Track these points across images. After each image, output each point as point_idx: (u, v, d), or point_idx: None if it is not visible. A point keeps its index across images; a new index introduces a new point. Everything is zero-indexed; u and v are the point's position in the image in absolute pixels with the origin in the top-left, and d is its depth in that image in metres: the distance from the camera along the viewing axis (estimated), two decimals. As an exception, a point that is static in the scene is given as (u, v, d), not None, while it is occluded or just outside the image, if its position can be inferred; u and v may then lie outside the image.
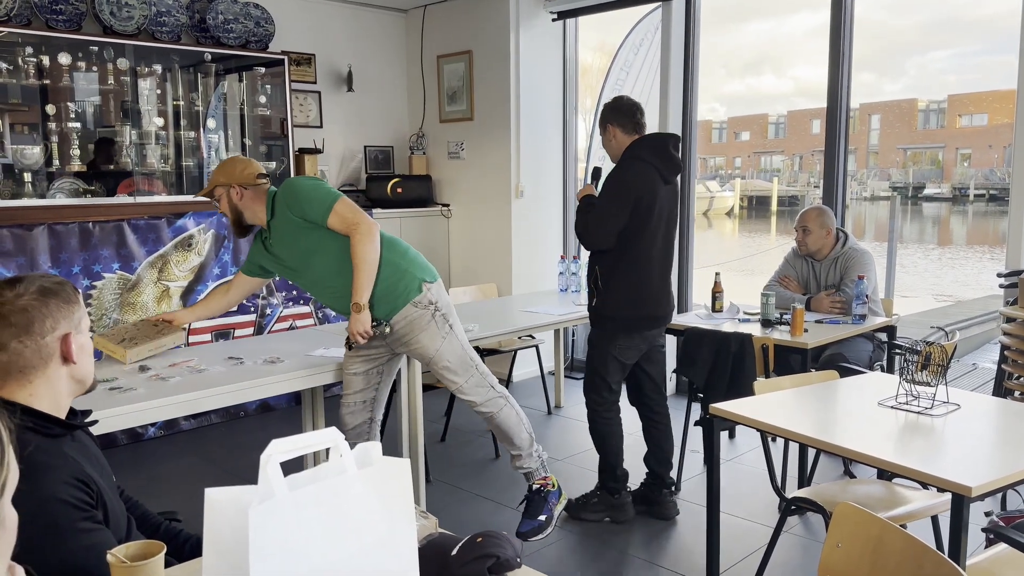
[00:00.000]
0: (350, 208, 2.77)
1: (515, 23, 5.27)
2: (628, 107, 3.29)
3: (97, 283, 4.11)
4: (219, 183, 2.86)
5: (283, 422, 4.68)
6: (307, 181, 2.85)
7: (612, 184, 3.19)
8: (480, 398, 3.00)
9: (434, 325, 2.87)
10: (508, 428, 3.05)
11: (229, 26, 4.82)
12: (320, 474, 1.13)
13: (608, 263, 3.25)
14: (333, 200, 2.75)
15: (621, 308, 3.26)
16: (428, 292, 2.86)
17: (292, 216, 2.78)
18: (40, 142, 4.19)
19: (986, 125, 37.51)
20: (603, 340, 3.32)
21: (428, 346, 2.89)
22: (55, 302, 1.44)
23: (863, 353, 3.73)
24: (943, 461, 2.08)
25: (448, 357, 2.92)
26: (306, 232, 2.79)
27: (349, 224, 2.74)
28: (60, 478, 1.35)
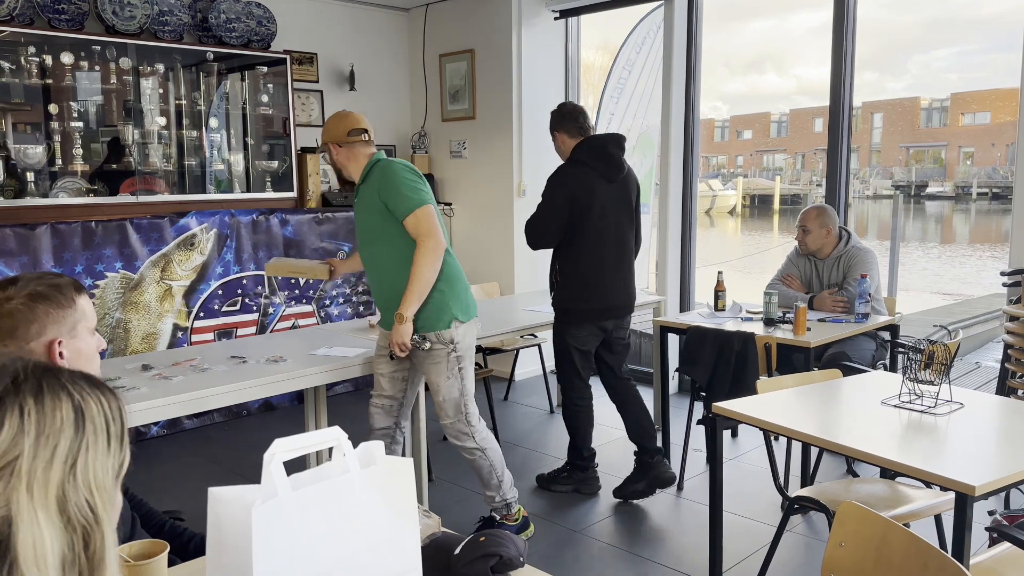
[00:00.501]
0: (430, 220, 2.78)
1: (517, 22, 5.27)
2: (571, 112, 3.49)
3: (100, 282, 4.12)
4: (324, 141, 2.99)
5: (285, 421, 4.68)
6: (407, 173, 2.84)
7: (547, 188, 3.42)
8: (459, 442, 3.03)
9: (445, 363, 2.92)
10: (479, 473, 3.08)
11: (231, 25, 4.83)
12: (323, 473, 1.13)
13: (561, 260, 3.50)
14: (420, 204, 2.78)
15: (571, 300, 3.50)
16: (455, 330, 2.90)
17: (377, 197, 2.82)
18: (43, 141, 4.20)
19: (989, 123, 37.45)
20: (560, 330, 3.58)
21: (433, 378, 2.96)
22: (43, 307, 1.41)
23: (866, 352, 3.72)
24: (946, 460, 2.08)
25: (445, 394, 2.96)
26: (382, 216, 2.83)
27: (421, 234, 2.76)
28: None
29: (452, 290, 2.89)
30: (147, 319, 4.30)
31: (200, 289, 4.49)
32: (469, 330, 2.97)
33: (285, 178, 5.09)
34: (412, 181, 2.82)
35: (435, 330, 2.87)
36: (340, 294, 5.08)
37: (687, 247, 5.15)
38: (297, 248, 4.85)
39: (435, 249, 2.77)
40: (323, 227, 4.96)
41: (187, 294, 4.44)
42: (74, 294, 1.48)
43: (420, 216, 2.76)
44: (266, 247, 4.72)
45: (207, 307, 4.52)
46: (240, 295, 4.65)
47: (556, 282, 3.53)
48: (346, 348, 3.20)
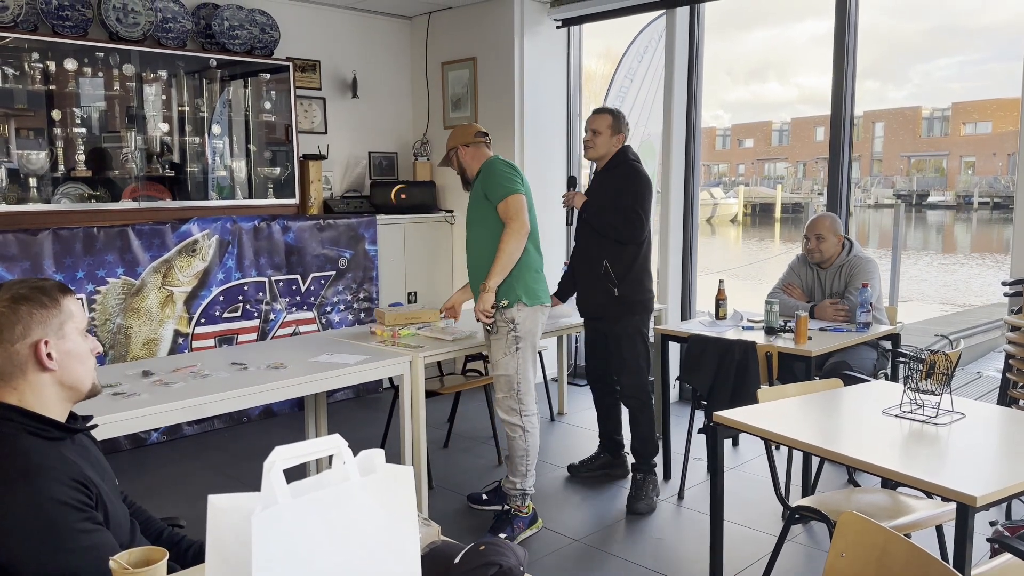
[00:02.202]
0: (518, 206, 3.16)
1: (519, 30, 5.28)
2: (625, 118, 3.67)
3: (101, 288, 4.12)
4: (452, 146, 3.40)
5: (286, 428, 4.68)
6: (505, 166, 3.24)
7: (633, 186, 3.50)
8: (505, 415, 3.29)
9: (504, 339, 3.22)
10: (513, 453, 3.32)
11: (234, 32, 4.84)
12: (323, 481, 1.13)
13: (624, 254, 3.53)
14: (511, 191, 3.16)
15: (639, 292, 3.57)
16: (518, 311, 3.21)
17: (480, 188, 3.26)
18: (45, 147, 4.21)
19: (990, 133, 37.50)
20: (628, 323, 3.58)
21: (494, 351, 3.27)
22: (27, 308, 1.41)
23: (867, 361, 3.71)
24: (948, 470, 2.07)
25: (501, 370, 3.25)
26: (482, 205, 3.25)
27: (509, 217, 3.15)
28: (58, 479, 1.35)
29: (521, 275, 3.22)
30: (148, 325, 4.30)
31: (201, 295, 4.49)
32: (532, 315, 3.25)
33: (287, 185, 5.10)
34: (508, 174, 3.21)
35: (501, 307, 3.21)
36: (341, 300, 5.08)
37: (688, 255, 5.15)
38: (298, 255, 4.85)
39: (519, 231, 3.15)
40: (324, 234, 4.97)
41: (188, 300, 4.45)
42: (59, 295, 1.47)
43: (511, 201, 3.15)
44: (268, 253, 4.73)
45: (208, 313, 4.53)
46: (241, 301, 4.65)
47: (617, 276, 3.52)
48: (347, 355, 3.20)
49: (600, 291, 3.57)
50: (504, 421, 3.29)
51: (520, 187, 3.20)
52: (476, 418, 4.75)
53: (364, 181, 5.76)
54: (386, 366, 3.20)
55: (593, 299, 3.63)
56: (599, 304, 3.60)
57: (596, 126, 3.58)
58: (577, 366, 5.77)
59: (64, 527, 1.33)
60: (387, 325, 3.58)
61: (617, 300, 3.54)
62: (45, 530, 1.31)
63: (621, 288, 3.52)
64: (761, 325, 3.74)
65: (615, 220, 3.48)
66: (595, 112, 3.66)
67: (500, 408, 3.28)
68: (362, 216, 5.18)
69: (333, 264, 5.02)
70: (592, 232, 3.59)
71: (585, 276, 3.65)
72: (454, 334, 3.53)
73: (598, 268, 3.55)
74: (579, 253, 3.71)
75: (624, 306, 3.55)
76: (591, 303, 3.67)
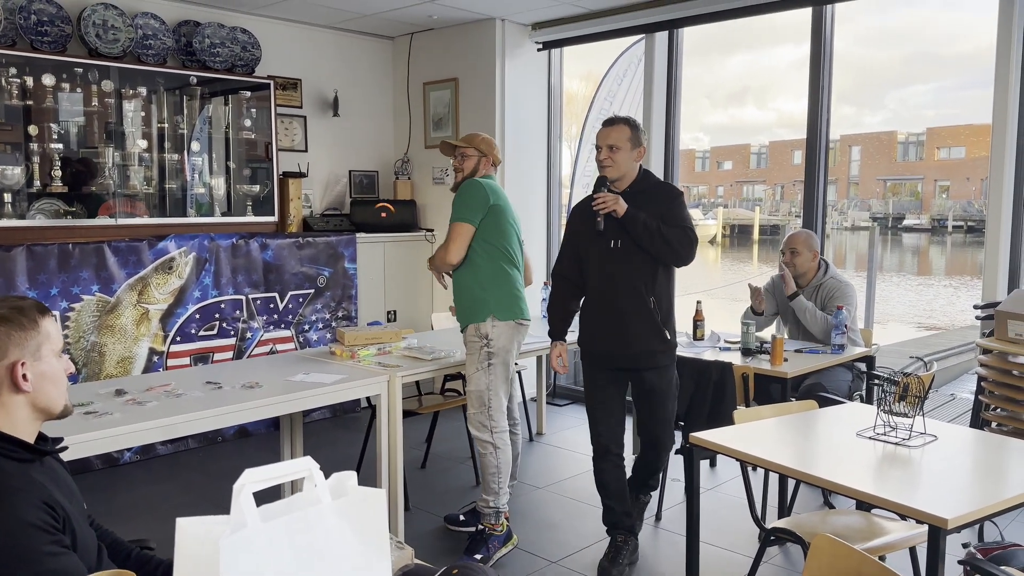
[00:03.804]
0: (456, 234, 3.22)
1: (501, 52, 5.32)
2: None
3: (75, 305, 4.07)
4: (480, 149, 3.34)
5: (261, 448, 4.63)
6: (475, 191, 3.24)
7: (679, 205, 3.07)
8: (476, 431, 3.28)
9: (477, 354, 3.23)
10: (484, 471, 3.31)
11: (215, 50, 4.84)
12: (294, 504, 1.12)
13: (664, 288, 3.05)
14: (458, 219, 3.22)
15: (674, 332, 3.12)
16: (491, 327, 3.22)
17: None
18: (21, 162, 4.16)
19: (964, 158, 38.15)
20: (676, 373, 3.18)
21: (468, 366, 3.29)
22: (4, 329, 1.41)
23: (842, 383, 3.75)
24: (920, 493, 2.09)
25: (473, 385, 3.26)
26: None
27: (448, 239, 3.24)
28: (28, 501, 1.34)
29: (493, 292, 3.24)
30: (123, 343, 4.25)
31: (177, 313, 4.45)
32: (506, 331, 3.24)
33: (266, 202, 5.08)
34: (471, 198, 3.22)
35: (476, 322, 3.23)
36: (319, 319, 5.06)
37: (667, 276, 5.17)
38: (277, 272, 4.83)
39: (445, 256, 3.23)
40: (303, 251, 4.95)
41: (164, 318, 4.40)
42: (37, 316, 1.47)
43: (455, 228, 3.23)
44: (245, 271, 4.70)
45: (184, 331, 4.48)
46: (218, 319, 4.61)
47: (663, 315, 3.02)
48: (323, 375, 3.18)
49: (650, 334, 2.99)
50: (475, 438, 3.29)
51: (472, 217, 3.21)
52: (454, 438, 4.72)
53: (344, 199, 5.75)
54: (363, 386, 3.18)
55: (636, 344, 3.00)
56: (649, 352, 3.00)
57: (614, 140, 2.99)
58: (556, 386, 5.77)
59: (33, 549, 1.31)
60: (347, 345, 3.55)
61: (667, 345, 3.03)
62: (16, 553, 1.29)
63: (669, 330, 3.03)
64: (738, 346, 3.77)
65: (669, 233, 2.91)
66: (607, 124, 3.05)
67: (471, 424, 3.29)
68: (342, 234, 5.17)
69: (312, 282, 5.00)
70: (634, 257, 2.96)
71: (625, 315, 2.99)
72: (432, 353, 3.52)
73: (644, 304, 2.97)
74: (608, 284, 3.03)
75: (671, 352, 3.09)
76: (631, 350, 3.02)
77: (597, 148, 3.04)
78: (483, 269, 3.25)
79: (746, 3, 4.44)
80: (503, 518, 3.31)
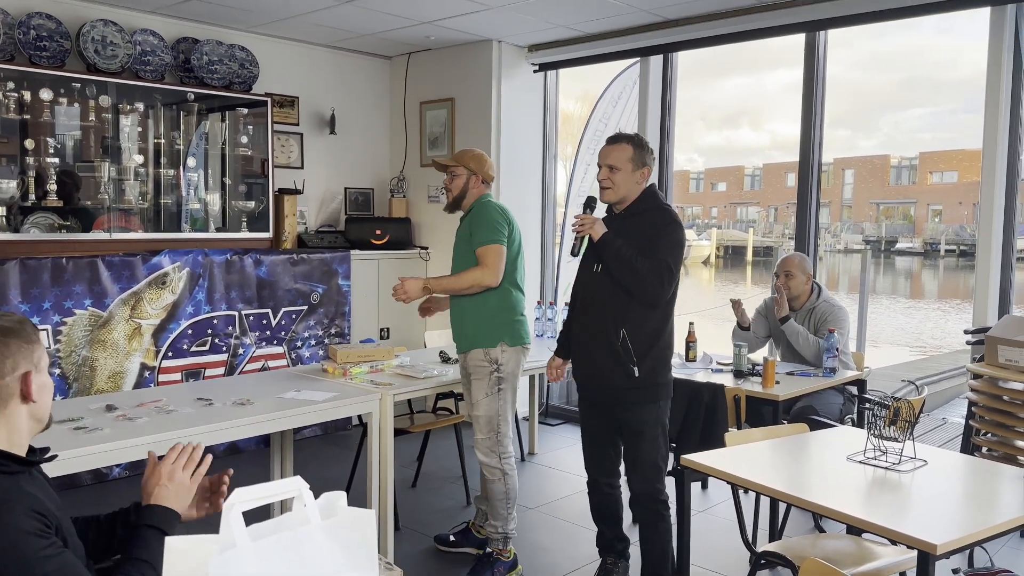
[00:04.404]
0: (496, 257, 3.15)
1: (497, 73, 5.36)
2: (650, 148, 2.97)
3: (68, 319, 4.06)
4: (469, 167, 3.27)
5: (251, 464, 4.59)
6: (496, 214, 3.22)
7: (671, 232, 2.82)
8: (485, 458, 3.22)
9: (486, 380, 3.19)
10: (493, 496, 3.25)
11: (213, 67, 4.86)
12: (284, 524, 1.12)
13: (640, 321, 2.80)
14: (495, 241, 3.16)
15: (665, 371, 2.89)
16: (501, 352, 3.18)
17: (468, 227, 3.24)
18: (17, 176, 4.17)
19: (956, 182, 38.45)
20: (657, 414, 2.88)
21: (475, 392, 3.22)
22: (16, 342, 1.44)
23: (834, 406, 3.76)
24: (909, 518, 2.10)
25: (482, 410, 3.20)
26: (465, 241, 3.25)
27: (485, 263, 3.15)
28: (21, 511, 1.36)
29: (504, 317, 3.21)
30: (114, 358, 4.23)
31: (170, 328, 4.44)
32: (515, 356, 3.22)
33: (261, 218, 5.09)
34: (497, 221, 3.19)
35: (486, 347, 3.17)
36: (312, 336, 5.05)
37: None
38: (270, 289, 4.82)
39: (483, 278, 3.14)
40: (298, 268, 4.95)
41: (156, 333, 4.39)
42: (34, 330, 1.52)
43: (490, 250, 3.15)
44: (239, 287, 4.69)
45: (176, 347, 4.47)
46: (210, 335, 4.60)
47: (638, 351, 2.79)
48: (315, 392, 3.17)
49: (613, 368, 2.82)
50: (483, 464, 3.23)
51: (504, 238, 3.17)
52: (446, 457, 4.71)
53: (339, 216, 5.76)
54: (355, 404, 3.17)
55: (601, 377, 2.88)
56: (611, 387, 2.86)
57: (614, 160, 2.84)
58: (549, 406, 5.76)
59: (31, 555, 1.33)
60: (339, 363, 3.53)
61: (636, 383, 2.81)
62: (15, 562, 1.32)
63: (643, 367, 2.79)
64: (730, 368, 3.78)
65: (640, 264, 2.73)
66: (610, 141, 2.90)
67: (479, 450, 3.22)
68: (336, 251, 5.17)
69: (305, 299, 4.99)
70: (609, 285, 2.81)
71: (593, 344, 2.88)
72: (425, 371, 3.52)
73: (613, 337, 2.80)
74: (586, 309, 2.93)
75: (645, 391, 2.83)
76: (598, 382, 2.91)
77: (599, 166, 2.91)
78: (494, 293, 3.19)
79: (740, 28, 4.49)
80: (510, 544, 3.27)
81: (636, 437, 2.88)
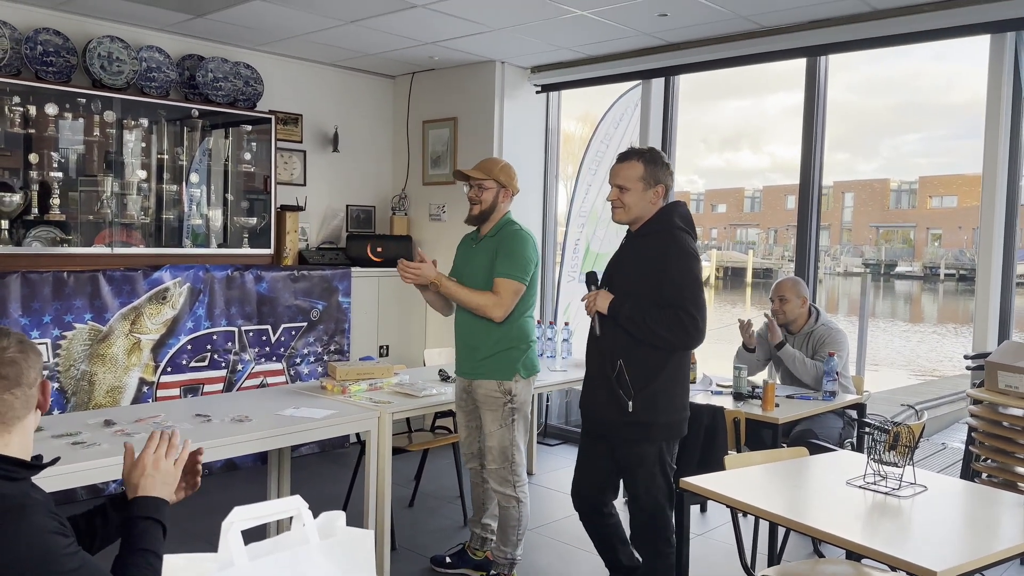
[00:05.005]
0: (513, 296, 3.10)
1: (500, 93, 5.40)
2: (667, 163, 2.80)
3: (68, 333, 4.06)
4: (499, 181, 3.19)
5: (249, 482, 4.58)
6: (531, 250, 3.16)
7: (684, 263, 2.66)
8: (500, 487, 3.21)
9: (501, 411, 3.16)
10: (505, 523, 3.25)
11: (218, 84, 4.90)
12: (282, 543, 1.11)
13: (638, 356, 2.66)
14: (517, 279, 3.10)
15: (673, 410, 2.71)
16: (515, 383, 3.16)
17: (493, 247, 3.16)
18: (20, 189, 4.18)
19: (956, 207, 38.56)
20: (655, 455, 2.71)
21: (488, 423, 3.19)
22: (34, 354, 1.49)
23: (833, 430, 3.75)
24: (909, 544, 2.08)
25: (496, 441, 3.18)
26: (484, 266, 3.16)
27: (497, 293, 3.09)
28: (43, 511, 1.40)
29: (523, 347, 3.18)
30: (113, 372, 4.23)
31: (169, 343, 4.43)
32: (527, 386, 3.22)
33: (263, 234, 5.10)
34: (526, 257, 3.13)
35: (501, 379, 3.13)
36: (311, 352, 5.04)
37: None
38: (270, 305, 4.82)
39: (495, 310, 3.08)
40: (298, 284, 4.95)
41: (155, 348, 4.39)
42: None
43: (511, 286, 3.09)
44: (239, 303, 4.70)
45: (175, 362, 4.46)
46: (209, 351, 4.60)
47: (635, 383, 2.65)
48: (313, 409, 3.17)
49: (606, 400, 2.70)
50: (498, 492, 3.22)
51: (527, 279, 3.13)
52: (443, 476, 4.69)
53: (341, 233, 5.78)
54: (353, 421, 3.16)
55: (595, 407, 2.78)
56: (603, 420, 2.74)
57: (623, 180, 2.71)
58: (548, 426, 5.74)
59: (58, 552, 1.36)
60: (338, 380, 3.52)
61: (630, 419, 2.65)
62: (44, 560, 1.34)
63: (637, 402, 2.64)
64: (730, 390, 3.77)
65: (656, 323, 2.57)
66: (620, 159, 2.76)
67: (493, 479, 3.21)
68: (336, 268, 5.18)
69: (305, 315, 4.99)
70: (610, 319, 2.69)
71: (590, 374, 2.80)
72: (424, 390, 3.51)
73: (609, 369, 2.67)
74: (591, 336, 2.81)
75: (639, 428, 2.67)
76: (592, 411, 2.81)
77: (610, 185, 2.78)
78: (515, 325, 3.16)
79: (741, 53, 4.53)
80: (515, 569, 3.29)
81: (632, 476, 2.76)
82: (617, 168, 2.76)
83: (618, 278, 2.76)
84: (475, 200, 3.21)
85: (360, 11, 4.28)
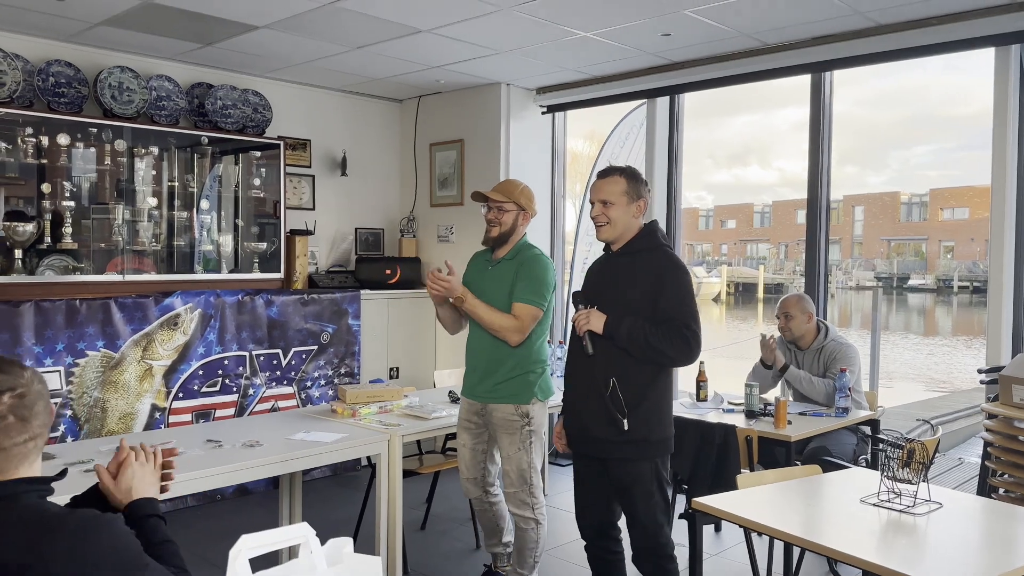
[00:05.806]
0: (531, 321, 3.11)
1: (506, 115, 5.43)
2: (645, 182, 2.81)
3: (80, 360, 4.08)
4: (519, 204, 3.21)
5: (260, 506, 4.57)
6: (551, 276, 3.18)
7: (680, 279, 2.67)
8: (518, 510, 3.21)
9: (519, 434, 3.16)
10: (522, 545, 3.25)
11: (227, 111, 4.95)
12: (290, 572, 1.11)
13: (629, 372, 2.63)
14: (536, 304, 3.11)
15: (661, 427, 2.71)
16: (532, 407, 3.17)
17: (514, 270, 3.16)
18: (34, 219, 4.22)
19: (967, 219, 38.34)
20: (652, 471, 2.69)
21: (505, 446, 3.19)
22: (44, 385, 1.52)
23: (847, 447, 3.71)
24: (925, 562, 2.06)
25: (514, 464, 3.18)
26: (502, 289, 3.15)
27: (517, 317, 3.10)
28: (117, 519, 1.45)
29: (540, 370, 3.20)
30: (125, 399, 4.25)
31: (181, 369, 4.45)
32: (543, 409, 3.23)
33: (273, 259, 5.13)
34: (545, 282, 3.14)
35: (518, 403, 3.14)
36: (322, 375, 5.05)
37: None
38: (281, 329, 4.84)
39: (511, 334, 3.09)
40: (308, 308, 4.97)
41: (167, 374, 4.41)
42: None
43: (531, 312, 3.10)
44: (250, 327, 4.72)
45: (187, 387, 4.48)
46: (221, 376, 4.61)
47: (629, 401, 2.61)
48: (324, 433, 3.17)
49: (600, 420, 2.64)
50: (515, 515, 3.22)
51: (546, 305, 3.14)
52: (455, 498, 4.67)
53: (350, 256, 5.80)
54: (364, 445, 3.17)
55: (587, 428, 2.71)
56: (597, 440, 2.69)
57: (607, 195, 2.68)
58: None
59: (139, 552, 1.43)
60: (348, 403, 3.52)
61: (625, 437, 2.62)
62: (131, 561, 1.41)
63: (632, 420, 2.61)
64: (742, 408, 3.75)
65: (660, 341, 2.56)
66: (601, 175, 2.75)
67: (511, 502, 3.22)
68: (346, 291, 5.20)
69: (315, 339, 5.01)
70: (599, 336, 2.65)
71: (579, 391, 2.75)
72: (434, 412, 3.51)
73: (602, 387, 2.63)
74: (579, 353, 2.76)
75: (635, 446, 2.64)
76: (584, 433, 2.74)
77: (591, 203, 2.76)
78: (532, 349, 3.17)
79: (745, 70, 4.54)
80: None
81: (629, 494, 2.70)
82: (600, 184, 2.73)
83: (610, 296, 2.68)
84: (494, 222, 3.21)
85: (366, 37, 4.33)
